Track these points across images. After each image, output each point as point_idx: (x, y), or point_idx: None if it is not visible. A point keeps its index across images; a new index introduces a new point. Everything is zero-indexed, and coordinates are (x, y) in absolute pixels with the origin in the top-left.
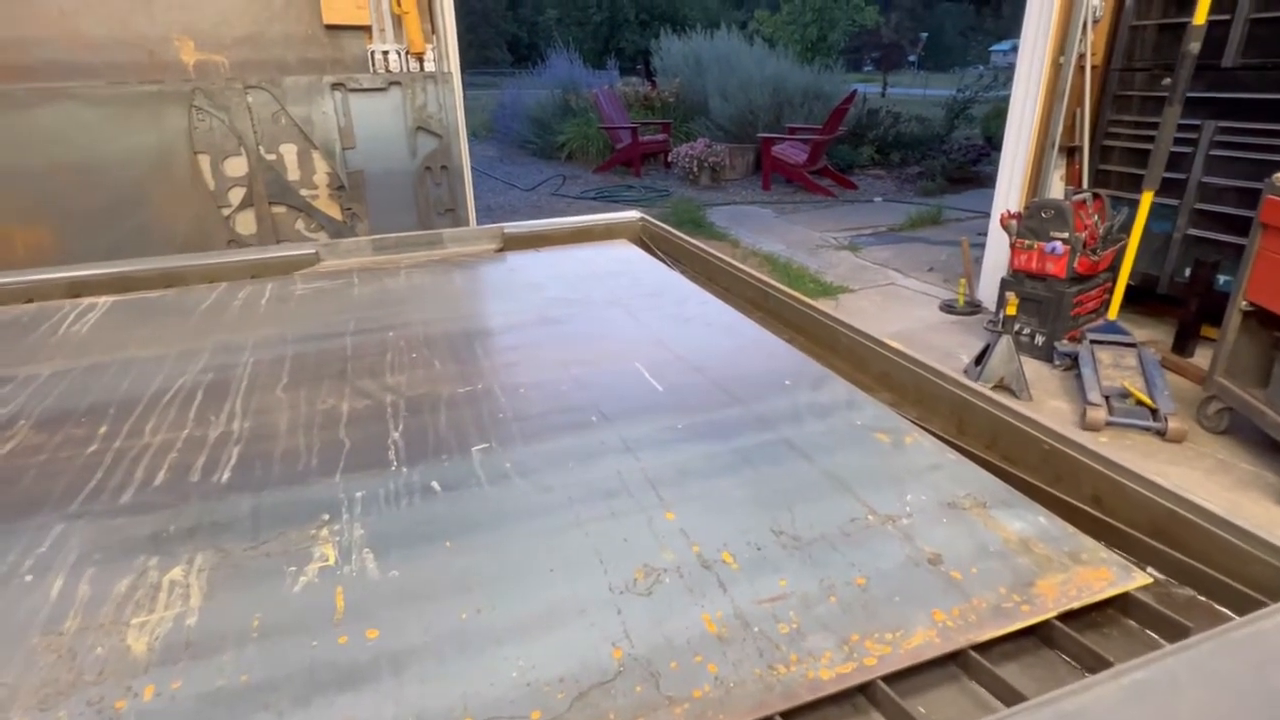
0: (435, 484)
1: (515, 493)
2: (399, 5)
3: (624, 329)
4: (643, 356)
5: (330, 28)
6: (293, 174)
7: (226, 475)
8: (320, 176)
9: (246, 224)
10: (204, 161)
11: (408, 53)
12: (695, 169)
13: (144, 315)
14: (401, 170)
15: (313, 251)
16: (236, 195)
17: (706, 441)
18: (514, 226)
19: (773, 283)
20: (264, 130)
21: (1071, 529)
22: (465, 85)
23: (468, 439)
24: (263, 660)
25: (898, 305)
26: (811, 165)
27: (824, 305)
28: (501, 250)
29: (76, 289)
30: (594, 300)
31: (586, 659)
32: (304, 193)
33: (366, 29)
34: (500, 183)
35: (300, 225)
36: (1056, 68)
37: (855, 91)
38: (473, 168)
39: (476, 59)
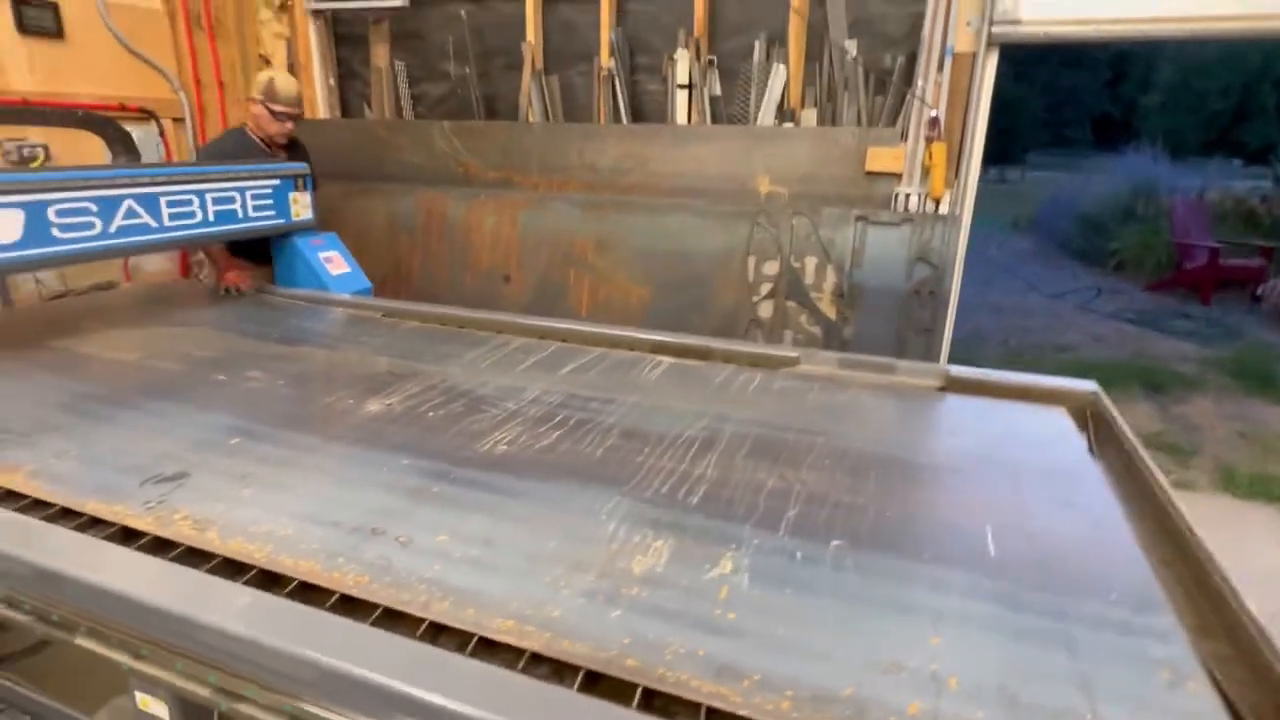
0: (799, 554)
1: (844, 580)
2: (930, 159)
3: (1002, 493)
4: (998, 521)
5: (869, 173)
6: (808, 279)
7: (695, 500)
8: (828, 284)
9: (765, 310)
10: (750, 261)
11: (926, 196)
12: None
13: (683, 377)
14: (894, 289)
15: (795, 355)
16: (764, 289)
17: (1000, 606)
18: (960, 370)
19: (1183, 515)
20: (797, 244)
21: None
22: (1030, 165)
23: (832, 534)
24: (677, 601)
25: None
26: None
27: None
28: (942, 390)
29: (655, 348)
30: (994, 458)
31: (835, 687)
32: (812, 295)
33: (898, 175)
34: (1023, 283)
35: (803, 319)
36: None
37: None
38: (996, 262)
39: (1050, 138)
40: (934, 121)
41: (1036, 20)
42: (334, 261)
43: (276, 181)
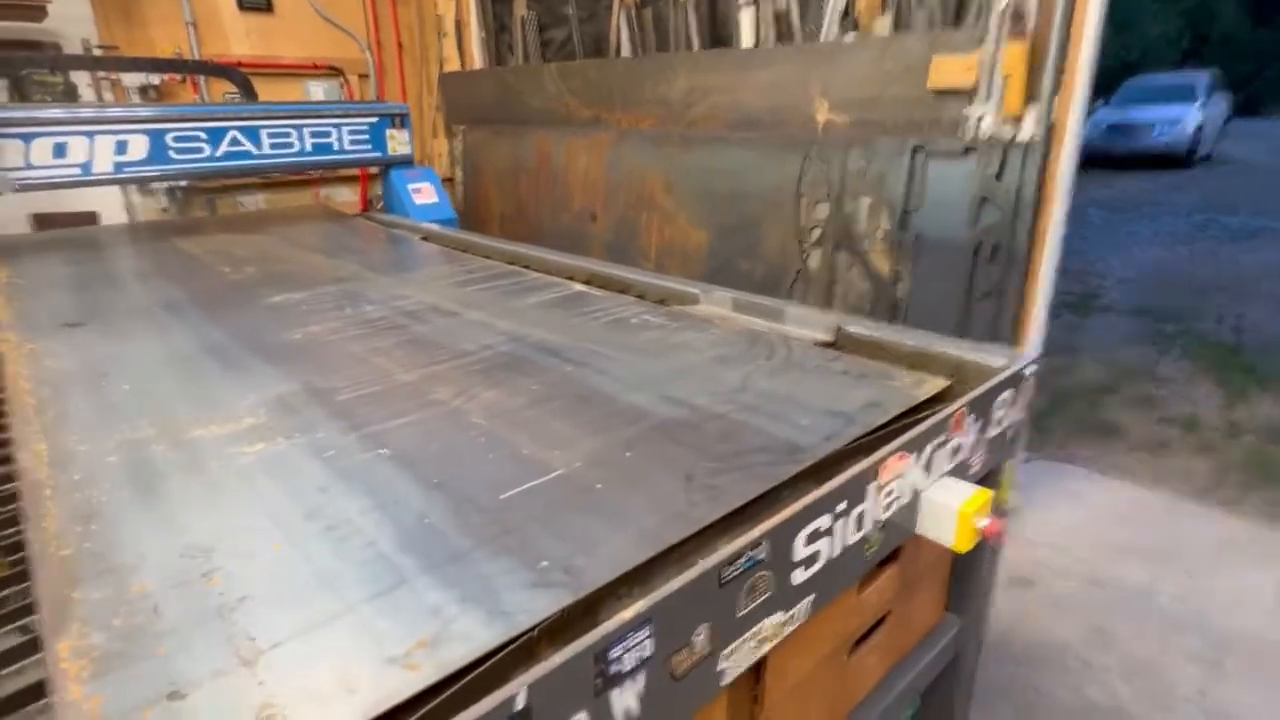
0: (358, 450)
1: (332, 468)
2: (1006, 65)
3: (651, 448)
4: (564, 466)
5: (937, 92)
6: (860, 225)
7: (355, 395)
8: (881, 231)
9: (815, 261)
10: (803, 204)
11: (1004, 117)
12: None
13: (563, 305)
14: (956, 240)
15: (696, 293)
16: (814, 235)
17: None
18: (854, 324)
19: None
20: (850, 183)
21: None
22: None
23: (386, 444)
24: (192, 455)
25: None
26: None
27: None
28: (828, 345)
29: (589, 279)
30: (746, 416)
31: None
32: (864, 244)
33: (971, 92)
34: None
35: (854, 273)
36: None
37: None
38: None
39: None
40: (1016, 16)
41: None
42: (422, 192)
43: (374, 119)
